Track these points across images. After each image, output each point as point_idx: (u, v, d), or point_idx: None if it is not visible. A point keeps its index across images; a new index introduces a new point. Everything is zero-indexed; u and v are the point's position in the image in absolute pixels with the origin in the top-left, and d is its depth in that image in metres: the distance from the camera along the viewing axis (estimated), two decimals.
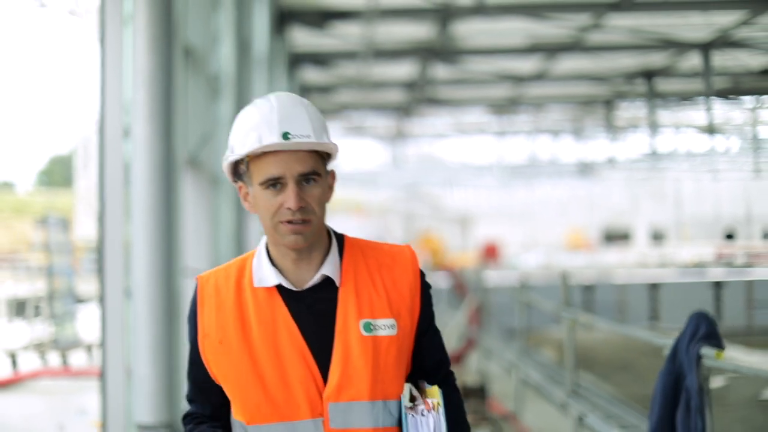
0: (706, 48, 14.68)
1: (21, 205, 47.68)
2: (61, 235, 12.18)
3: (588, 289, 20.43)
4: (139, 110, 3.80)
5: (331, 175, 2.09)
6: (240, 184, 2.07)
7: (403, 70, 16.24)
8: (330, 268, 2.06)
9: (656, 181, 37.72)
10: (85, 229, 31.92)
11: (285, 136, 1.97)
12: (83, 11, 18.81)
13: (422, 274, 2.14)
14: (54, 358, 12.14)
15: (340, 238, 2.14)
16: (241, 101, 6.78)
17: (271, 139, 1.96)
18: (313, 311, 2.03)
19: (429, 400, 2.04)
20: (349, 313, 2.03)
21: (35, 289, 15.26)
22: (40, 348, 11.89)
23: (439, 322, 2.21)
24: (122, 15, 3.94)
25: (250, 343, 2.02)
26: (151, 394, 3.99)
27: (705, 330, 3.59)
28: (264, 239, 2.10)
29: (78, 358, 12.58)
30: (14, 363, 11.54)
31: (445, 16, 12.02)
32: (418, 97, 19.15)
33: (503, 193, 41.30)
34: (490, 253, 33.26)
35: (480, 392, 7.68)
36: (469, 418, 2.24)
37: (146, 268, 3.74)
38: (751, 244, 38.85)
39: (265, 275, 2.05)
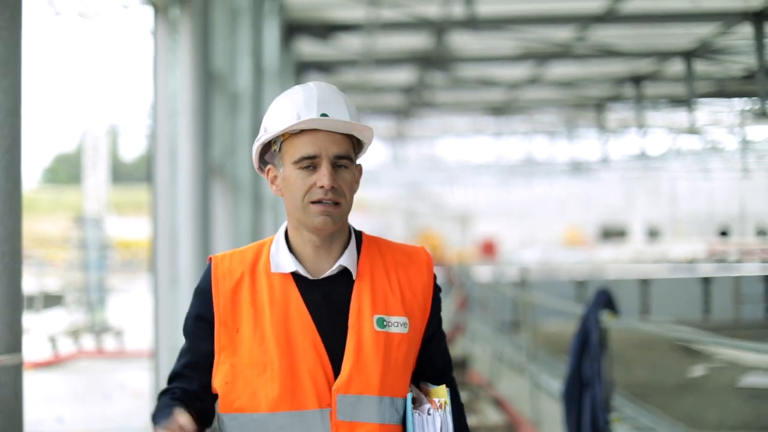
0: (688, 55, 15.36)
1: (29, 202, 48.36)
2: (95, 233, 13.22)
3: (581, 285, 20.98)
4: (183, 130, 4.70)
5: (359, 168, 2.09)
6: (269, 167, 2.07)
7: (402, 76, 16.83)
8: (348, 260, 2.05)
9: (650, 179, 38.07)
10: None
11: (323, 115, 1.98)
12: (92, 14, 19.49)
13: (435, 278, 2.15)
14: (88, 342, 13.38)
15: (359, 234, 2.14)
16: (256, 114, 7.67)
17: (310, 115, 1.97)
18: (328, 301, 2.02)
19: (436, 400, 2.04)
20: (364, 307, 2.03)
21: (67, 282, 16.31)
22: (76, 333, 13.03)
23: None
24: (168, 50, 4.84)
25: (262, 329, 2.00)
26: None
27: (604, 301, 4.71)
28: (284, 225, 2.09)
29: (108, 342, 13.78)
30: (54, 346, 12.70)
31: (440, 28, 12.60)
32: (416, 101, 19.72)
33: (502, 191, 41.49)
34: (488, 249, 33.78)
35: (462, 364, 9.32)
36: None
37: (189, 260, 4.60)
38: (745, 241, 39.24)
39: (282, 261, 2.04)
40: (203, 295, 2.06)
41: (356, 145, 2.06)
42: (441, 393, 2.05)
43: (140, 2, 4.55)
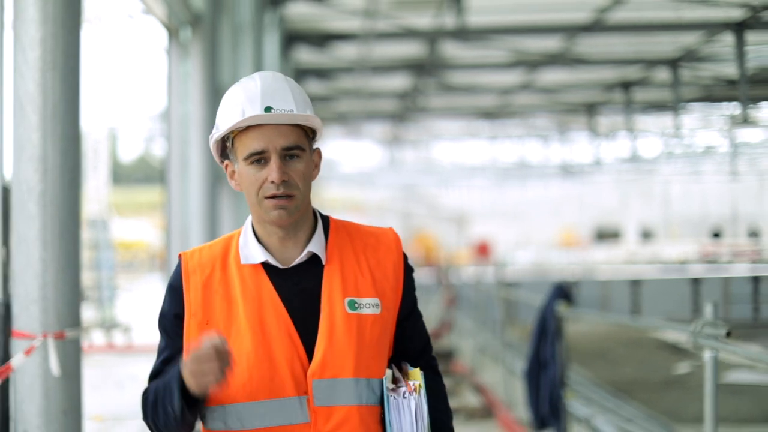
0: (674, 63, 15.73)
1: None
2: (103, 234, 13.77)
3: (573, 285, 21.53)
4: (193, 139, 5.23)
5: (317, 153, 2.09)
6: (226, 162, 2.07)
7: (397, 82, 17.17)
8: (316, 246, 2.05)
9: (643, 182, 38.29)
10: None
11: (267, 109, 1.96)
12: (94, 17, 19.85)
13: (406, 257, 2.15)
14: (98, 337, 13.93)
15: (326, 219, 2.14)
16: None
17: (254, 111, 1.96)
18: (299, 289, 2.02)
19: (411, 383, 2.04)
20: (334, 291, 2.03)
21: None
22: (87, 329, 13.58)
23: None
24: (180, 67, 5.36)
25: (236, 320, 2.00)
26: None
27: (561, 293, 5.31)
28: (249, 218, 2.10)
29: (117, 338, 14.30)
30: None
31: (432, 38, 12.96)
32: (410, 106, 20.08)
33: (497, 193, 41.60)
34: (482, 251, 34.03)
35: (448, 356, 10.45)
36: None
37: None
38: (737, 242, 39.48)
39: (252, 252, 2.04)
40: (175, 292, 2.06)
41: (309, 131, 2.04)
42: (416, 376, 2.05)
43: (157, 25, 5.07)
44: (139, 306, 19.29)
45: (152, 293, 22.83)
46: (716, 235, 42.02)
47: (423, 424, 2.00)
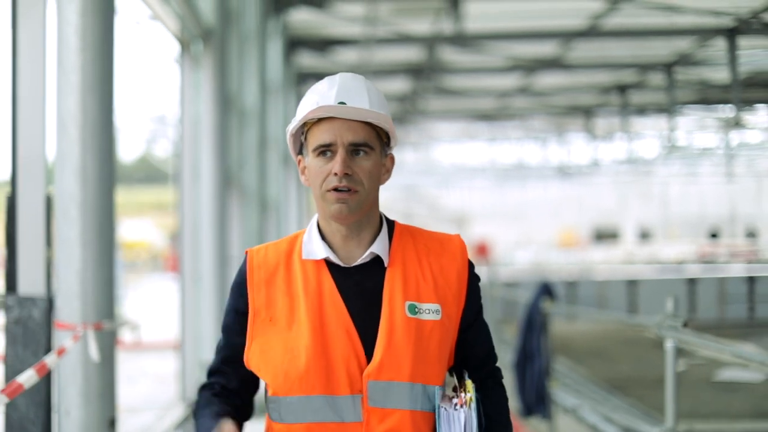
0: (668, 66, 15.87)
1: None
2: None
3: (571, 285, 21.47)
4: (204, 145, 5.56)
5: (390, 158, 2.09)
6: (299, 157, 2.08)
7: (397, 85, 17.41)
8: (379, 247, 2.05)
9: (642, 183, 38.41)
10: None
11: (340, 104, 1.98)
12: None
13: (471, 265, 2.13)
14: None
15: (391, 222, 2.13)
16: (262, 128, 8.53)
17: (327, 103, 1.97)
18: (360, 288, 2.02)
19: (463, 395, 2.00)
20: (395, 294, 2.01)
21: None
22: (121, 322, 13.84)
23: None
24: (192, 78, 5.70)
25: (296, 315, 2.01)
26: None
27: (546, 291, 6.09)
28: (316, 216, 2.10)
29: (126, 335, 14.59)
30: None
31: (431, 43, 13.21)
32: (410, 109, 20.38)
33: (497, 194, 41.69)
34: (481, 251, 34.22)
35: None
36: None
37: (210, 258, 5.47)
38: (734, 242, 39.68)
39: (315, 249, 2.04)
40: (239, 289, 2.08)
41: (382, 134, 2.05)
42: (468, 388, 2.01)
43: (170, 38, 5.40)
44: (145, 305, 19.60)
45: (156, 293, 23.15)
46: (714, 235, 42.19)
47: None
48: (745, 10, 12.29)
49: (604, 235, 44.81)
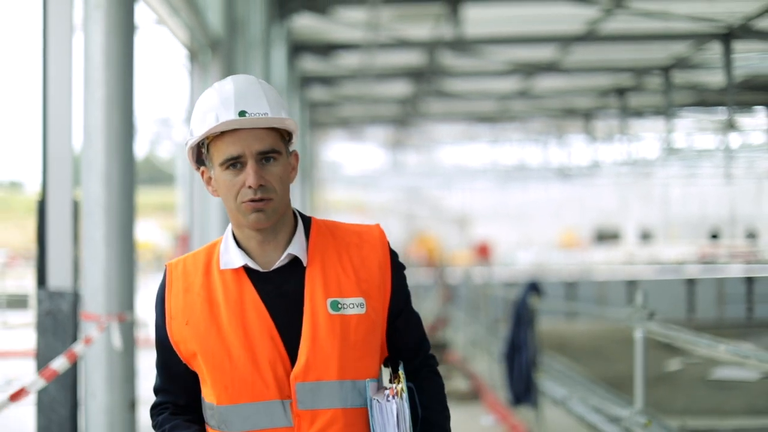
0: (666, 70, 16.00)
1: (33, 204, 48.42)
2: None
3: (571, 285, 21.63)
4: None
5: (294, 155, 2.05)
6: (202, 169, 2.03)
7: (398, 88, 17.63)
8: (296, 248, 2.02)
9: (642, 184, 38.48)
10: None
11: (241, 113, 1.93)
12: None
13: (393, 254, 2.10)
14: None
15: (307, 220, 2.10)
16: None
17: (228, 116, 1.92)
18: (281, 292, 1.99)
19: (394, 386, 1.99)
20: (317, 293, 1.99)
21: None
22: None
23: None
24: (201, 86, 5.97)
25: (218, 324, 1.98)
26: None
27: (533, 288, 6.51)
28: (230, 224, 2.06)
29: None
30: None
31: (431, 48, 13.41)
32: (411, 112, 20.55)
33: (499, 195, 41.74)
34: (482, 252, 34.29)
35: (443, 347, 11.78)
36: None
37: None
38: (734, 243, 39.77)
39: (232, 258, 2.01)
40: (159, 302, 2.07)
41: (285, 134, 2.01)
42: (400, 378, 2.01)
43: (180, 49, 5.68)
44: (150, 304, 19.75)
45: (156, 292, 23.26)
46: (714, 236, 42.28)
47: (405, 427, 1.95)
48: (739, 15, 12.49)
49: (606, 236, 44.87)
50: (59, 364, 2.78)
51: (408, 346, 2.10)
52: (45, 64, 3.51)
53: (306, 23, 12.27)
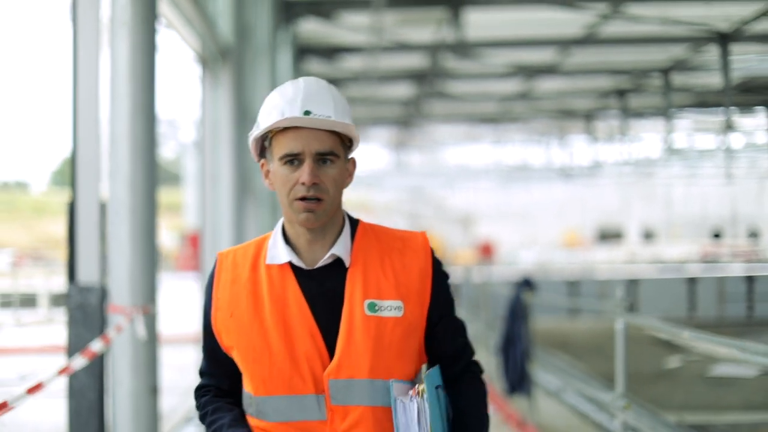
0: (665, 72, 16.19)
1: (40, 204, 48.80)
2: None
3: (573, 284, 21.82)
4: (223, 154, 6.16)
5: (352, 162, 2.10)
6: (263, 161, 2.09)
7: (401, 90, 17.81)
8: (340, 249, 2.07)
9: (644, 184, 38.54)
10: None
11: (306, 113, 1.98)
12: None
13: (436, 262, 2.14)
14: None
15: (355, 222, 2.14)
16: None
17: (292, 113, 1.98)
18: (323, 290, 2.04)
19: (417, 387, 2.02)
20: (356, 293, 2.04)
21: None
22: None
23: None
24: (212, 93, 6.28)
25: (261, 317, 2.04)
26: None
27: (527, 285, 6.89)
28: (282, 219, 2.11)
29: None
30: None
31: (434, 51, 13.65)
32: (414, 113, 20.77)
33: (502, 195, 42.00)
34: (485, 251, 34.46)
35: None
36: None
37: None
38: (736, 242, 39.87)
39: (278, 253, 2.07)
40: (207, 290, 2.13)
41: (345, 140, 2.06)
42: (422, 379, 2.04)
43: (192, 58, 5.96)
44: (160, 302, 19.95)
45: (169, 291, 23.54)
46: (716, 235, 42.39)
47: (426, 427, 1.99)
48: (736, 18, 12.69)
49: (608, 236, 44.97)
50: (98, 347, 3.10)
51: (447, 353, 2.15)
52: (75, 78, 3.82)
53: (311, 27, 12.43)
